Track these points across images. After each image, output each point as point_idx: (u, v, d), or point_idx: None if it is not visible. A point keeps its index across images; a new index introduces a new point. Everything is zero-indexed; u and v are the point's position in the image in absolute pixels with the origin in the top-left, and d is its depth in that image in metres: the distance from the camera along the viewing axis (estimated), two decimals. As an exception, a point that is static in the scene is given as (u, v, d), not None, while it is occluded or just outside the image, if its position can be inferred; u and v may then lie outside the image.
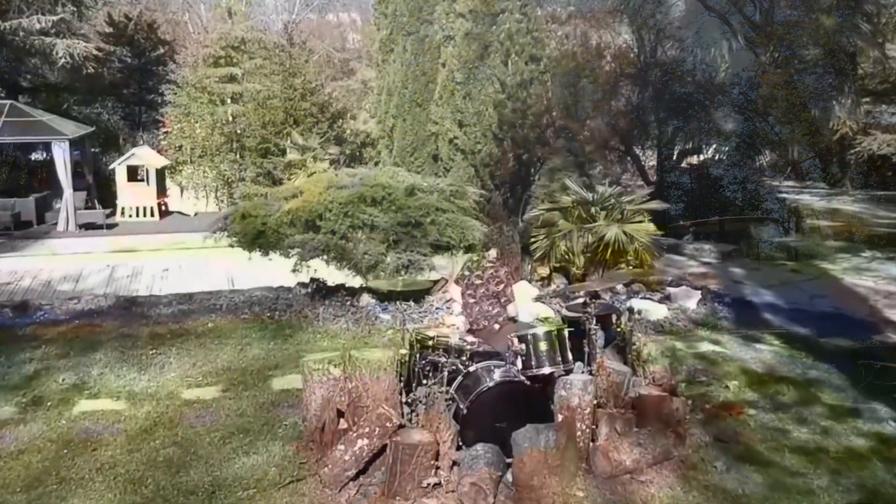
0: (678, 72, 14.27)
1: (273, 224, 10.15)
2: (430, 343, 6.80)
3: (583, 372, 7.03)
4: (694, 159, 18.24)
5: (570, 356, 6.90)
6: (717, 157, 15.42)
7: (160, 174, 19.31)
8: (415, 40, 16.82)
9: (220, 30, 22.77)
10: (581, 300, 7.46)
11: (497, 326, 7.38)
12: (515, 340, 6.80)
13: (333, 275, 10.88)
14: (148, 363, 8.69)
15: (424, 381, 6.58)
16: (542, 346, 6.75)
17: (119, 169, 18.76)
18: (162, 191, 19.51)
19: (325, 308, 10.18)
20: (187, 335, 9.55)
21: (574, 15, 14.93)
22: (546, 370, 6.76)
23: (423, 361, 6.72)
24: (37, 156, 21.28)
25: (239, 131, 20.90)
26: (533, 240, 10.28)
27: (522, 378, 6.65)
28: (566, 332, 6.93)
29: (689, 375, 8.27)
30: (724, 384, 8.12)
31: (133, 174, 18.85)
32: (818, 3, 12.63)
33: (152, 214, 18.80)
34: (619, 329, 7.83)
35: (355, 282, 10.87)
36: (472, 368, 6.71)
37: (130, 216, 18.75)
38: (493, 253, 7.54)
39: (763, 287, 11.60)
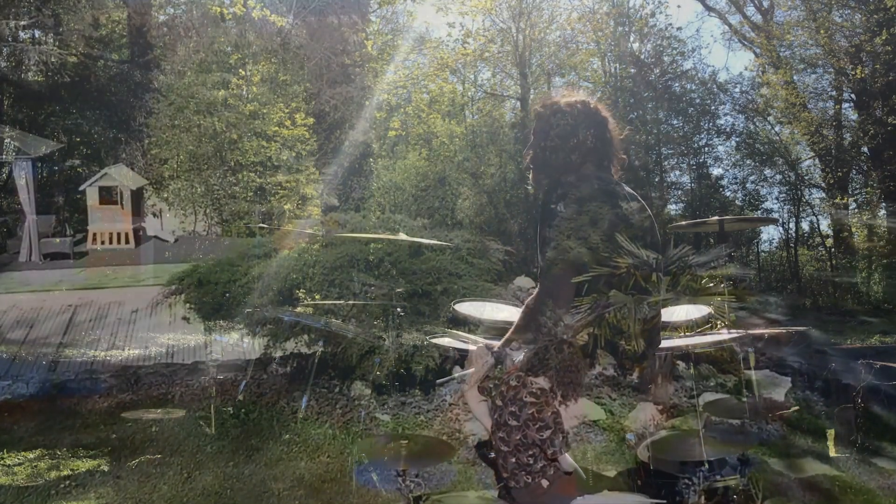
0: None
1: (237, 293, 7.39)
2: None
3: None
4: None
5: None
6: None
7: (137, 195, 16.49)
8: (418, 44, 13.99)
9: (211, 34, 20.35)
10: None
11: (545, 483, 4.43)
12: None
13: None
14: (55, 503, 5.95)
15: None
16: (632, 552, 4.03)
17: (90, 190, 15.93)
18: (138, 214, 16.69)
19: (307, 400, 7.44)
20: (121, 448, 6.81)
21: (609, 15, 12.04)
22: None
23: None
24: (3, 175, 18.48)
25: (230, 142, 18.26)
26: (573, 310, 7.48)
27: None
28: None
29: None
30: (858, 541, 5.43)
31: (106, 196, 16.06)
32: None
33: (127, 241, 15.97)
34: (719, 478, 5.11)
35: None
36: None
37: (103, 243, 15.92)
38: (542, 381, 4.62)
39: (855, 359, 8.83)
